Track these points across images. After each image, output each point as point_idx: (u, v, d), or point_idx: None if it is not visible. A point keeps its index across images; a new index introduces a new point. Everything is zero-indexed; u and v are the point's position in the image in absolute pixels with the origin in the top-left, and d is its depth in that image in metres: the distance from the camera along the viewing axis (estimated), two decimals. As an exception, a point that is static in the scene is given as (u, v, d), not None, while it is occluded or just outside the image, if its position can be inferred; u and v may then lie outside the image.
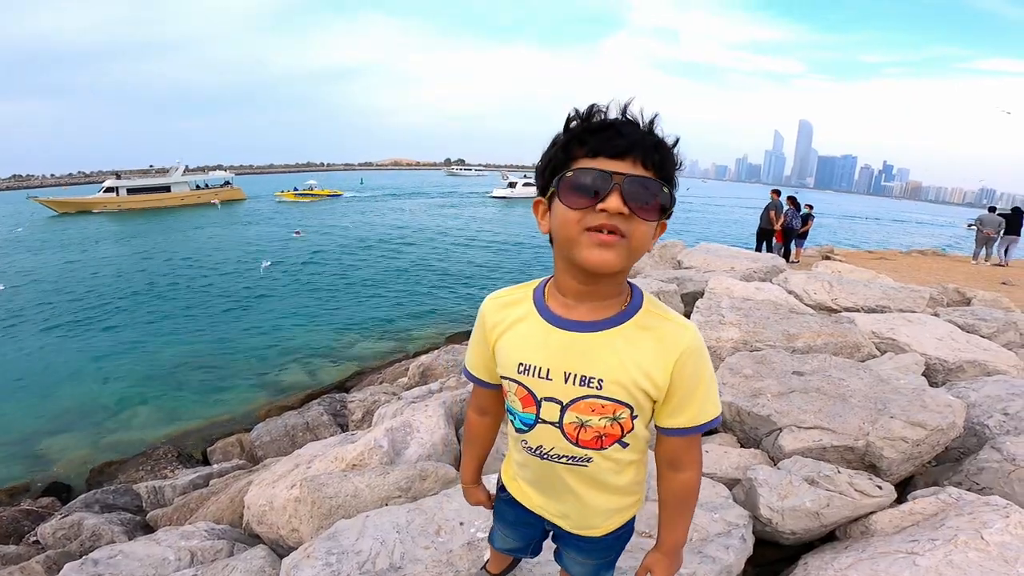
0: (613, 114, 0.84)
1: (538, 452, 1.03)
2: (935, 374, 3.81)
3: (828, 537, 2.01)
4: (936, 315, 5.16)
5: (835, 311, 5.41)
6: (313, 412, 5.88)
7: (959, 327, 4.64)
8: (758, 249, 11.51)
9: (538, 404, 0.97)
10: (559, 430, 0.98)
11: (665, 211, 0.84)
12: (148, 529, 3.70)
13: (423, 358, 6.74)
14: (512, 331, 1.00)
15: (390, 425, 3.29)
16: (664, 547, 1.09)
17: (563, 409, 0.95)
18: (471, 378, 1.15)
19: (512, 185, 55.22)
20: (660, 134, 0.84)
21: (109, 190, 41.01)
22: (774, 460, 2.50)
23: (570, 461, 1.01)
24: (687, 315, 4.99)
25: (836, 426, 2.52)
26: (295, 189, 52.06)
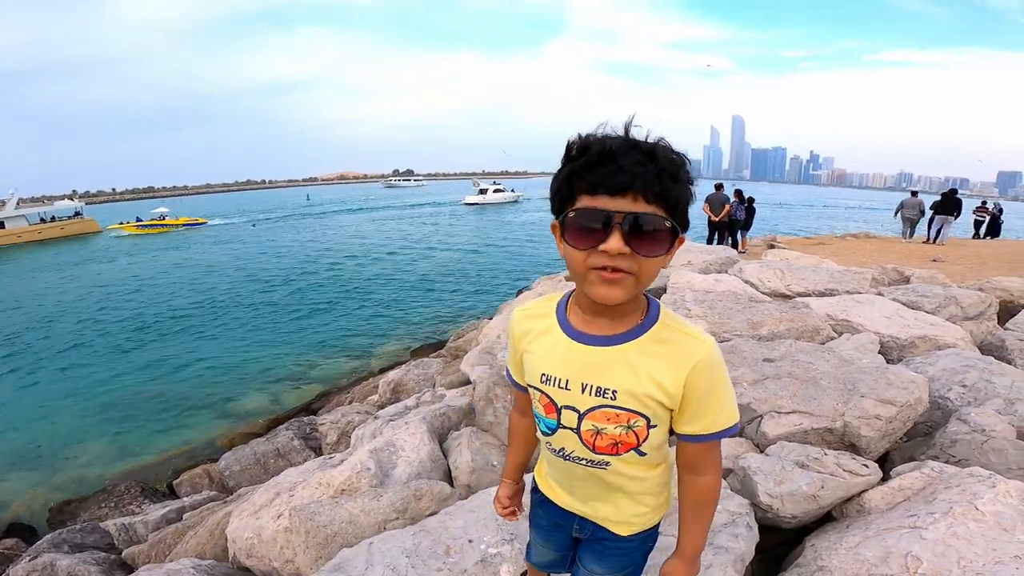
0: (617, 134, 0.83)
1: (561, 454, 1.10)
2: (889, 351, 4.03)
3: (824, 518, 2.10)
4: (880, 294, 5.45)
5: (789, 297, 5.64)
6: (282, 438, 5.70)
7: (904, 304, 4.92)
8: (709, 241, 11.94)
9: (559, 411, 1.03)
10: (577, 436, 1.03)
11: (674, 239, 0.86)
12: (126, 568, 3.53)
13: (391, 374, 6.63)
14: (538, 342, 1.06)
15: (373, 446, 3.23)
16: (684, 553, 1.11)
17: (580, 417, 1.01)
18: (512, 382, 1.22)
19: (483, 192, 57.54)
20: (665, 156, 0.82)
21: None
22: (759, 447, 2.58)
23: (589, 464, 1.07)
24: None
25: (813, 409, 2.64)
26: (138, 219, 42.10)
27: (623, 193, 0.80)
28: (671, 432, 1.04)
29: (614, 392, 0.96)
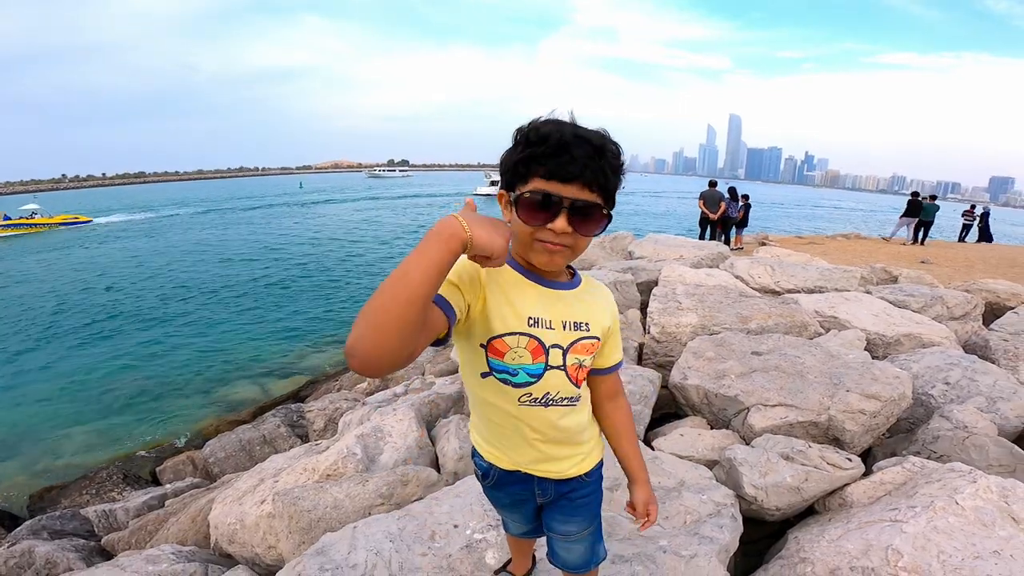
0: (567, 121, 0.96)
1: (544, 400, 1.11)
2: (875, 348, 4.07)
3: (806, 512, 2.11)
4: (868, 293, 5.50)
5: (778, 293, 5.68)
6: (269, 424, 5.67)
7: (891, 303, 4.97)
8: (701, 237, 11.96)
9: (547, 352, 1.08)
10: (564, 372, 1.10)
11: (607, 221, 1.00)
12: (105, 555, 3.49)
13: (381, 361, 6.60)
14: (511, 289, 1.06)
15: (360, 432, 3.21)
16: (641, 479, 1.30)
17: (565, 353, 1.09)
18: (442, 301, 0.94)
19: (495, 183, 58.68)
20: (610, 151, 0.97)
21: None
22: (745, 440, 2.60)
23: (568, 402, 1.14)
24: (644, 304, 5.13)
25: (799, 402, 2.66)
26: (6, 217, 35.73)
27: (572, 182, 0.94)
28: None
29: (587, 324, 1.11)
